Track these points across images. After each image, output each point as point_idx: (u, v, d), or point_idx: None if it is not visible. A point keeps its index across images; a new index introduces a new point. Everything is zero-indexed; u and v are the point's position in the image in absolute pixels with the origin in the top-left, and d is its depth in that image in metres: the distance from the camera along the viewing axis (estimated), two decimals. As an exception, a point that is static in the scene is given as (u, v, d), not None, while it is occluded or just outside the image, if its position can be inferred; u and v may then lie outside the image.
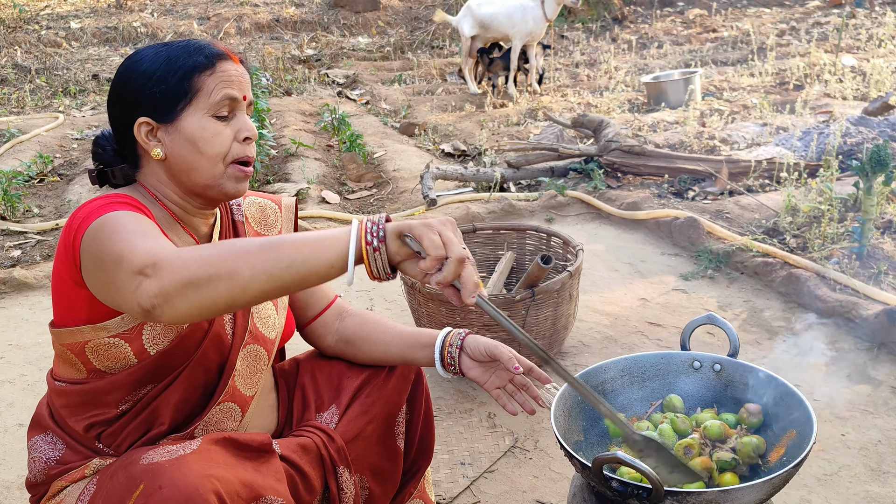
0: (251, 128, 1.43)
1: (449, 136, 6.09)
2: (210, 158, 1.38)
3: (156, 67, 1.37)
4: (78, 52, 9.82)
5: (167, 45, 1.41)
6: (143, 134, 1.39)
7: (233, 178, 1.42)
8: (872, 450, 2.35)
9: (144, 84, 1.38)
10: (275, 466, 1.41)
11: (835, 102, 6.11)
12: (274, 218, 1.65)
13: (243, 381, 1.50)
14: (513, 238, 3.24)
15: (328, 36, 10.64)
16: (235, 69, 1.40)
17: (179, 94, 1.36)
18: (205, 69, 1.37)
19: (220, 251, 1.16)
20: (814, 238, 3.57)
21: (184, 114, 1.37)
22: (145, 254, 1.16)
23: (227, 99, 1.38)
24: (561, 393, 1.54)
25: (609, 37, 10.02)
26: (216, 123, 1.38)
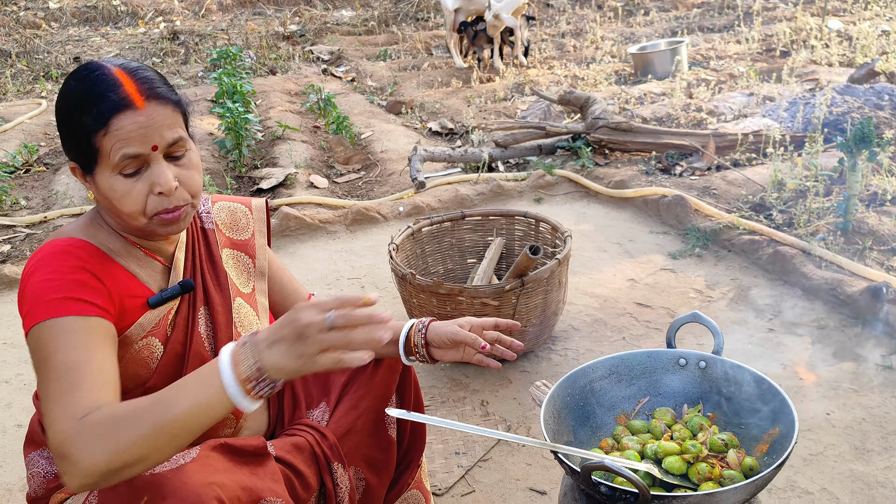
0: (165, 181, 1.32)
1: (436, 114, 6.07)
2: (128, 215, 1.35)
3: (65, 116, 1.33)
4: (58, 34, 9.68)
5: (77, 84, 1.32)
6: (77, 175, 1.38)
7: (159, 225, 1.37)
8: (857, 428, 2.41)
9: (62, 130, 1.36)
10: (271, 468, 1.44)
11: (821, 69, 6.11)
12: (245, 221, 1.65)
13: None
14: (502, 224, 3.26)
15: (311, 10, 10.51)
16: (135, 121, 1.29)
17: (85, 153, 1.32)
18: (97, 130, 1.28)
19: (113, 436, 1.13)
20: (800, 213, 3.60)
21: (97, 170, 1.33)
22: (59, 440, 1.15)
23: (126, 159, 1.30)
24: (550, 395, 1.57)
25: (595, 4, 9.94)
26: (125, 182, 1.32)
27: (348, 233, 4.13)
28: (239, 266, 1.61)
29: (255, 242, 1.65)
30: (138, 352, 1.40)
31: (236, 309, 1.55)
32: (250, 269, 1.63)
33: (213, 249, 1.57)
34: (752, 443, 1.53)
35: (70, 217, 4.34)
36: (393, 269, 2.86)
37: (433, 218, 3.23)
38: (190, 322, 1.48)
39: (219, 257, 1.57)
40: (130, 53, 8.82)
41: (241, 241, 1.63)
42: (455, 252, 3.31)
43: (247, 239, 1.64)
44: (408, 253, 3.13)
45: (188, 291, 1.48)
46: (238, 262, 1.61)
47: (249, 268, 1.63)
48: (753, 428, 1.55)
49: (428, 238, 3.24)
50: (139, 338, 1.40)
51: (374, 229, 4.15)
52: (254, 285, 1.62)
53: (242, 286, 1.60)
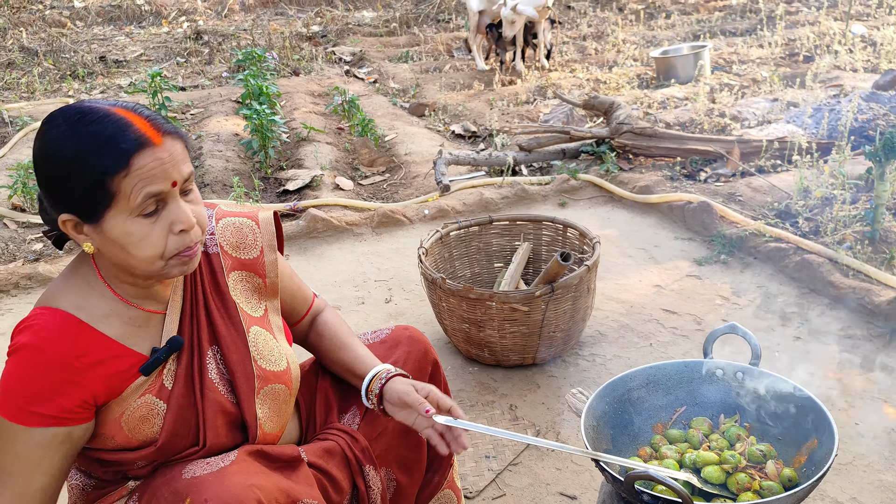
0: (186, 218, 1.29)
1: (458, 117, 6.10)
2: (144, 260, 1.28)
3: (66, 164, 1.22)
4: (83, 33, 9.79)
5: (77, 129, 1.23)
6: (69, 228, 1.28)
7: (177, 265, 1.32)
8: (886, 438, 2.42)
9: (59, 181, 1.24)
10: (305, 473, 1.47)
11: (844, 75, 6.09)
12: (253, 238, 1.56)
13: (271, 424, 1.51)
14: (529, 229, 3.29)
15: (333, 11, 10.57)
16: (156, 157, 1.24)
17: (97, 198, 1.23)
18: (116, 173, 1.21)
19: None
20: (826, 221, 3.61)
21: (107, 216, 1.24)
22: None
23: (149, 197, 1.24)
24: (590, 403, 1.60)
25: (616, 6, 9.94)
26: (143, 225, 1.26)
27: (374, 235, 4.17)
28: (248, 289, 1.54)
29: (265, 260, 1.56)
30: (136, 410, 1.37)
31: (252, 340, 1.48)
32: (261, 290, 1.56)
33: (220, 278, 1.49)
34: (790, 454, 1.55)
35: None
36: (423, 273, 2.90)
37: (461, 222, 3.26)
38: (196, 371, 1.43)
39: (225, 286, 1.49)
40: (155, 53, 8.91)
41: (250, 260, 1.54)
42: (482, 256, 3.34)
43: (255, 257, 1.55)
44: (436, 257, 3.16)
45: (177, 350, 1.41)
46: (247, 283, 1.54)
47: (260, 287, 1.55)
48: (790, 439, 1.57)
49: (456, 242, 3.27)
50: (135, 398, 1.37)
51: (399, 232, 4.18)
52: (265, 306, 1.56)
53: (253, 311, 1.53)
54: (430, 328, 3.18)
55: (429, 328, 3.18)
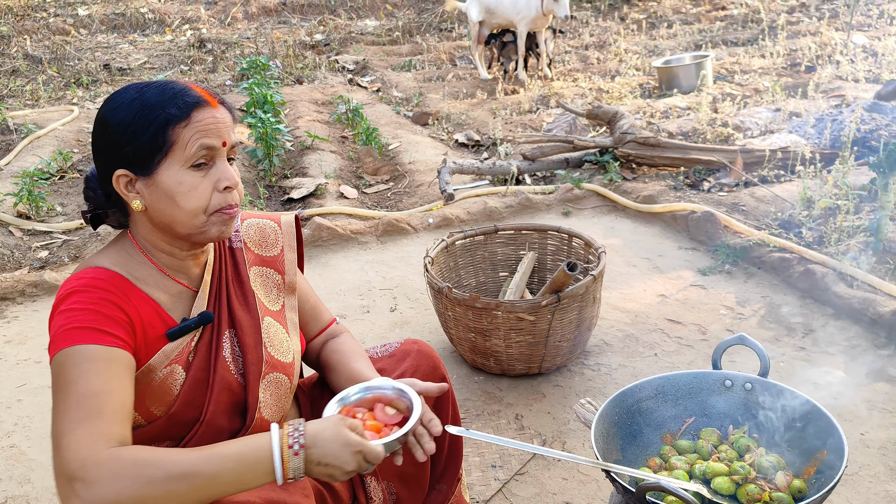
0: (231, 176, 1.40)
1: (462, 126, 6.13)
2: (189, 212, 1.37)
3: (130, 119, 1.35)
4: (87, 40, 9.83)
5: (142, 91, 1.38)
6: (122, 185, 1.38)
7: (217, 223, 1.41)
8: (892, 449, 2.42)
9: (120, 136, 1.35)
10: (301, 484, 1.46)
11: (846, 85, 6.11)
12: (274, 237, 1.66)
13: (270, 411, 1.54)
14: (534, 238, 3.30)
15: (336, 19, 10.61)
16: (213, 116, 1.37)
17: (155, 147, 1.34)
18: (179, 121, 1.34)
19: (145, 481, 1.17)
20: (830, 232, 3.62)
21: (160, 167, 1.35)
22: (76, 464, 1.17)
23: (203, 149, 1.36)
24: (600, 413, 1.61)
25: (617, 16, 9.98)
26: (193, 176, 1.36)
27: (379, 243, 4.19)
28: (268, 283, 1.62)
29: (285, 258, 1.65)
30: (163, 379, 1.42)
31: (265, 329, 1.56)
32: (280, 286, 1.64)
33: (241, 269, 1.58)
34: (799, 465, 1.56)
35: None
36: (429, 282, 2.91)
37: (466, 231, 3.27)
38: (213, 348, 1.49)
39: (246, 277, 1.58)
40: (158, 61, 8.94)
41: (270, 257, 1.64)
42: (487, 265, 3.35)
43: (276, 255, 1.65)
44: (441, 265, 3.17)
45: (207, 323, 1.48)
46: (266, 279, 1.63)
47: (279, 284, 1.64)
48: (800, 450, 1.58)
49: (461, 251, 3.29)
50: (163, 366, 1.42)
51: (404, 240, 4.20)
52: (283, 302, 1.63)
53: (271, 304, 1.61)
54: (435, 337, 3.19)
55: (434, 337, 3.19)
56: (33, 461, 2.62)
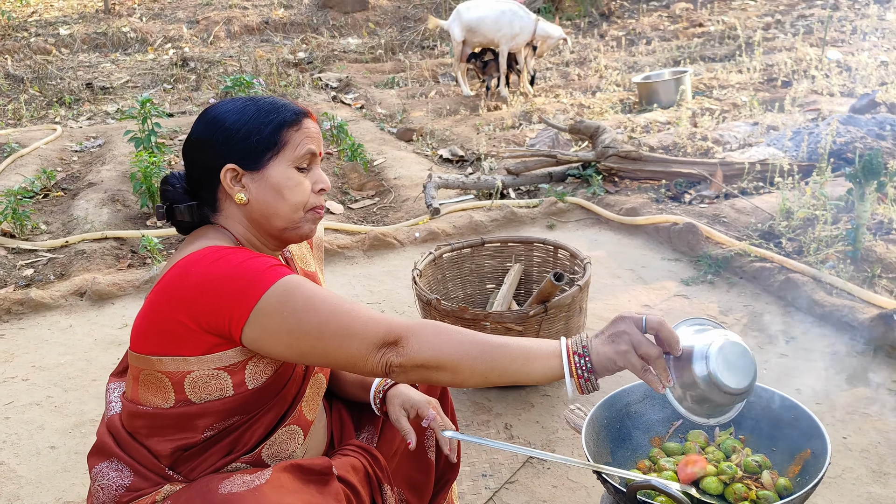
0: (325, 180, 1.55)
1: (446, 141, 6.18)
2: (292, 206, 1.50)
3: (246, 119, 1.48)
4: (68, 59, 9.82)
5: (254, 99, 1.53)
6: (228, 179, 1.49)
7: (309, 220, 1.54)
8: (873, 451, 2.48)
9: (234, 134, 1.48)
10: (335, 489, 1.51)
11: (822, 99, 6.24)
12: (309, 257, 1.77)
13: (308, 407, 1.61)
14: (520, 250, 3.35)
15: (318, 38, 10.68)
16: (314, 127, 1.53)
17: (269, 144, 1.48)
18: (293, 124, 1.49)
19: (449, 344, 1.34)
20: (809, 241, 3.70)
21: (271, 163, 1.48)
22: (385, 329, 1.35)
23: (309, 153, 1.51)
24: (590, 417, 1.65)
25: (597, 33, 10.12)
26: (298, 174, 1.50)
27: (366, 258, 4.22)
28: None
29: (318, 276, 1.78)
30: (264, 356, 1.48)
31: None
32: None
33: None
34: (784, 464, 1.60)
35: (91, 241, 4.41)
36: (417, 294, 2.94)
37: (454, 244, 3.31)
38: None
39: None
40: (141, 79, 8.95)
41: (311, 273, 1.75)
42: (475, 278, 3.39)
43: (313, 272, 1.76)
44: (429, 278, 3.21)
45: None
46: None
47: None
48: (784, 450, 1.62)
49: (448, 264, 3.32)
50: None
51: (390, 255, 4.23)
52: None
53: None
54: (424, 349, 3.22)
55: (423, 349, 3.22)
56: (22, 478, 2.61)
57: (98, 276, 3.94)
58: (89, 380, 3.18)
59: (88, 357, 3.35)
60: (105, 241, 4.43)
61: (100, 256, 4.23)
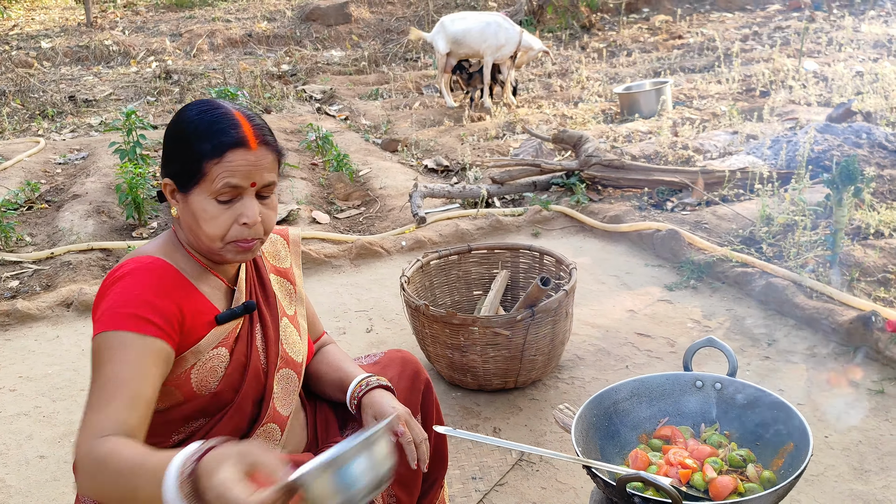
0: (252, 214, 1.48)
1: (431, 152, 6.23)
2: (207, 236, 1.49)
3: (182, 141, 1.49)
4: (51, 73, 9.79)
5: (203, 114, 1.49)
6: (167, 191, 1.53)
7: (232, 251, 1.52)
8: (854, 450, 2.53)
9: (171, 152, 1.52)
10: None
11: (799, 109, 6.35)
12: (284, 252, 1.81)
13: (281, 403, 1.66)
14: (507, 257, 3.39)
15: (302, 50, 10.71)
16: (246, 158, 1.46)
17: (191, 173, 1.47)
18: (211, 158, 1.45)
19: (94, 483, 1.28)
20: (789, 247, 3.77)
21: (194, 190, 1.48)
22: (76, 450, 1.32)
23: (227, 187, 1.46)
24: (579, 414, 1.68)
25: (578, 45, 10.23)
26: (216, 207, 1.47)
27: (353, 267, 4.24)
28: (283, 290, 1.76)
29: (294, 272, 1.80)
30: (208, 361, 1.52)
31: (283, 328, 1.69)
32: (292, 294, 1.78)
33: (263, 274, 1.71)
34: (768, 458, 1.64)
35: (77, 253, 4.41)
36: (406, 301, 2.97)
37: (441, 251, 3.35)
38: (250, 337, 1.61)
39: (268, 280, 1.72)
40: (124, 92, 8.94)
41: (283, 269, 1.78)
42: (462, 284, 3.43)
43: (287, 268, 1.79)
44: (417, 285, 3.24)
45: (251, 312, 1.62)
46: (282, 287, 1.76)
47: (291, 293, 1.78)
48: (768, 444, 1.67)
49: (436, 271, 3.36)
50: (211, 347, 1.53)
51: (377, 263, 4.26)
52: (296, 309, 1.78)
53: (287, 308, 1.74)
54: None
55: (411, 356, 3.25)
56: (11, 488, 2.60)
57: (84, 287, 3.93)
58: (77, 390, 3.17)
59: (76, 367, 3.35)
60: (91, 252, 4.43)
61: (86, 267, 4.22)
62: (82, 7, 12.40)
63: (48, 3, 14.17)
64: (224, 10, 12.72)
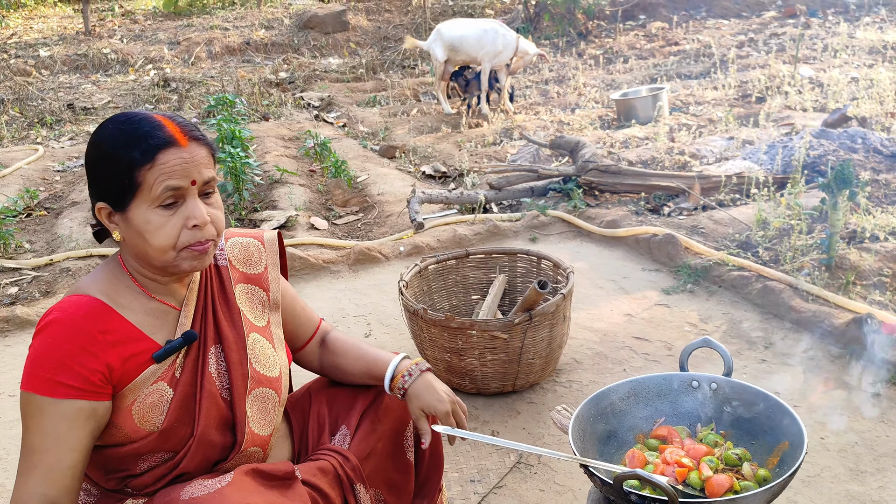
0: (200, 214, 1.42)
1: (428, 158, 6.25)
2: (158, 249, 1.41)
3: (104, 158, 1.41)
4: (49, 81, 9.81)
5: (120, 127, 1.41)
6: (103, 216, 1.44)
7: (187, 258, 1.44)
8: (850, 451, 2.54)
9: (95, 172, 1.43)
10: (299, 491, 1.53)
11: (795, 114, 6.39)
12: (258, 255, 1.71)
13: (258, 425, 1.60)
14: (504, 261, 3.40)
15: (299, 58, 10.75)
16: (180, 156, 1.39)
17: (123, 188, 1.39)
18: (143, 164, 1.37)
19: None
20: (785, 250, 3.79)
21: (131, 205, 1.40)
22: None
23: (168, 190, 1.39)
24: (576, 414, 1.70)
25: (575, 52, 10.28)
26: (161, 215, 1.40)
27: (351, 272, 4.26)
28: (253, 300, 1.67)
29: (269, 276, 1.70)
30: (147, 397, 1.46)
31: (251, 345, 1.60)
32: (265, 302, 1.69)
33: (227, 286, 1.63)
34: (764, 456, 1.66)
35: (76, 259, 4.42)
36: (404, 305, 2.99)
37: (438, 256, 3.37)
38: (200, 364, 1.53)
39: (232, 294, 1.63)
40: (122, 100, 8.96)
41: (255, 275, 1.69)
42: (460, 289, 3.44)
43: (260, 273, 1.69)
44: (415, 290, 3.25)
45: (191, 342, 1.52)
46: (252, 296, 1.67)
47: (264, 301, 1.69)
48: (763, 443, 1.68)
49: (434, 275, 3.37)
50: (148, 384, 1.46)
51: (376, 269, 4.27)
52: (268, 318, 1.69)
53: (257, 320, 1.66)
54: (410, 360, 3.25)
55: (409, 360, 3.26)
56: (10, 493, 2.60)
57: (84, 293, 3.94)
58: (77, 395, 3.18)
59: (75, 373, 3.35)
60: (90, 258, 4.44)
61: (85, 273, 4.23)
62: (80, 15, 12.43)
63: (46, 12, 14.22)
64: (222, 18, 12.77)
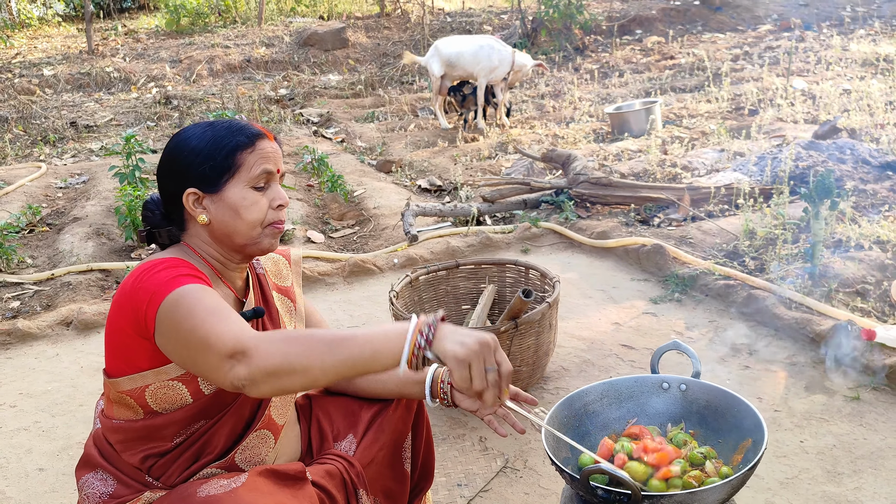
0: (284, 197, 1.64)
1: (424, 172, 6.35)
2: (249, 223, 1.59)
3: (203, 146, 1.59)
4: (53, 100, 9.95)
5: (212, 125, 1.62)
6: (190, 202, 1.60)
7: (268, 235, 1.63)
8: (828, 454, 2.61)
9: (193, 160, 1.59)
10: (309, 492, 1.61)
11: (787, 126, 6.47)
12: (286, 271, 1.89)
13: (277, 411, 1.72)
14: (493, 272, 3.48)
15: (299, 75, 10.89)
16: (271, 146, 1.62)
17: (224, 168, 1.58)
18: (246, 147, 1.58)
19: (297, 347, 1.35)
20: (770, 259, 3.86)
21: (227, 185, 1.58)
22: (233, 341, 1.36)
23: (264, 173, 1.59)
24: (551, 414, 1.77)
25: (571, 67, 10.39)
26: (254, 194, 1.59)
27: (346, 284, 4.33)
28: (284, 307, 1.83)
29: (295, 290, 1.88)
30: None
31: None
32: (292, 312, 1.85)
33: (266, 290, 1.80)
34: (729, 454, 1.73)
35: (77, 274, 4.50)
36: (394, 314, 3.06)
37: (429, 267, 3.44)
38: None
39: (271, 296, 1.80)
40: (125, 117, 9.09)
41: (285, 287, 1.86)
42: (450, 299, 3.52)
43: (288, 286, 1.87)
44: (406, 300, 3.33)
45: (259, 317, 1.70)
46: (283, 304, 1.83)
47: (291, 310, 1.85)
48: (729, 441, 1.75)
49: (425, 286, 3.45)
50: None
51: (370, 280, 4.35)
52: (295, 325, 1.84)
53: (288, 324, 1.82)
54: (402, 369, 3.33)
55: (401, 369, 3.33)
56: (11, 500, 2.68)
57: (84, 306, 4.03)
58: (76, 405, 3.26)
59: (75, 384, 3.43)
60: (90, 272, 4.53)
61: (85, 287, 4.32)
62: (84, 35, 12.61)
63: (51, 32, 14.42)
64: (223, 36, 12.93)
